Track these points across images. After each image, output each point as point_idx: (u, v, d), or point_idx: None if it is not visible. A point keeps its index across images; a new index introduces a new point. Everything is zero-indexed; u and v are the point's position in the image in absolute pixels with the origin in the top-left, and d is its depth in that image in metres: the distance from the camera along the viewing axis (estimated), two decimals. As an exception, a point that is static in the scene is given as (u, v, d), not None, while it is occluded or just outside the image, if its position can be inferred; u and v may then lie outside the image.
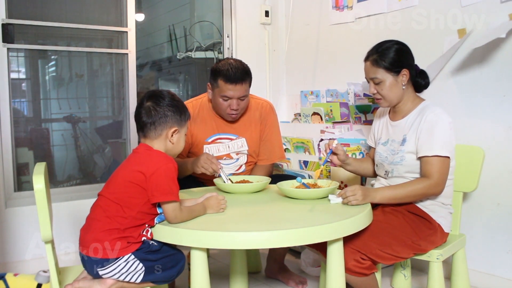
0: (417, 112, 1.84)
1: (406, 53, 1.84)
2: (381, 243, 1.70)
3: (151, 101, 1.56)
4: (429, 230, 1.78)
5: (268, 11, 3.42)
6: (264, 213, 1.64)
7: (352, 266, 1.65)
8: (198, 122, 2.24)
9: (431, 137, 1.74)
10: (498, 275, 2.18)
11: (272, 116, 2.36)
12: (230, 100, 2.12)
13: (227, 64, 2.11)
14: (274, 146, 2.35)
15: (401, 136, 1.86)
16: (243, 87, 2.11)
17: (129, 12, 2.96)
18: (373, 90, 1.86)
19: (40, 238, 1.41)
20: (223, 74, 2.08)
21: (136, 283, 1.48)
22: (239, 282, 2.05)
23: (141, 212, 1.47)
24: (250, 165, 2.34)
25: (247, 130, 2.28)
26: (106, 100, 3.37)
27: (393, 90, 1.82)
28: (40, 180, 1.37)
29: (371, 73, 1.84)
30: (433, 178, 1.72)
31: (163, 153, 1.54)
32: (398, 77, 1.82)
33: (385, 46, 1.83)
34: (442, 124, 1.74)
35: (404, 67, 1.81)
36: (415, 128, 1.80)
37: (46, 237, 1.39)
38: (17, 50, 2.78)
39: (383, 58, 1.80)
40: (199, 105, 2.28)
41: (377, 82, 1.83)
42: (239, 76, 2.08)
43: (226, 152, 2.27)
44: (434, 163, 1.72)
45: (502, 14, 2.09)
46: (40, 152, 3.06)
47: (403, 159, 1.82)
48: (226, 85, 2.08)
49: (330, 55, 3.06)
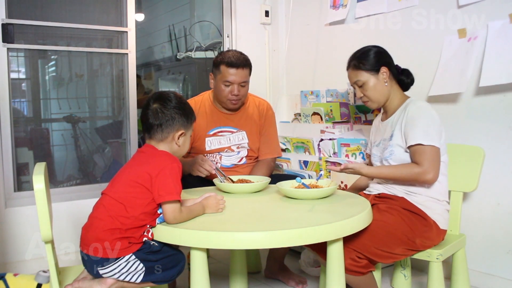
0: (402, 108, 1.92)
1: (383, 53, 1.96)
2: (377, 241, 1.71)
3: (158, 103, 1.56)
4: (424, 227, 1.79)
5: (268, 11, 3.42)
6: (264, 213, 1.64)
7: (348, 265, 1.66)
8: (200, 115, 2.31)
9: (414, 127, 1.80)
10: (498, 275, 2.18)
11: (270, 112, 2.48)
12: (231, 85, 2.23)
13: (228, 52, 2.27)
14: (273, 141, 2.45)
15: (390, 133, 1.92)
16: (244, 73, 2.24)
17: (129, 12, 2.96)
18: (359, 94, 1.97)
19: (40, 238, 1.41)
20: (225, 60, 2.22)
21: (136, 283, 1.48)
22: (239, 282, 2.05)
23: (144, 213, 1.47)
24: (251, 159, 2.40)
25: (247, 124, 2.38)
26: (106, 100, 3.37)
27: (377, 88, 1.92)
28: (40, 180, 1.37)
29: (354, 77, 1.96)
30: (423, 165, 1.75)
31: (168, 153, 1.55)
32: (378, 75, 1.92)
33: (363, 50, 1.96)
34: (423, 115, 1.81)
35: (382, 65, 1.91)
36: (400, 122, 1.88)
37: (46, 237, 1.39)
38: (17, 50, 2.78)
39: (361, 61, 1.93)
40: (201, 101, 2.39)
41: (360, 84, 1.94)
42: (240, 61, 2.23)
43: (228, 145, 2.34)
44: (421, 151, 1.76)
45: (502, 14, 2.09)
46: (40, 152, 3.07)
47: (392, 153, 1.87)
48: (228, 70, 2.21)
49: (330, 55, 3.06)
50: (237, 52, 2.29)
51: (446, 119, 2.31)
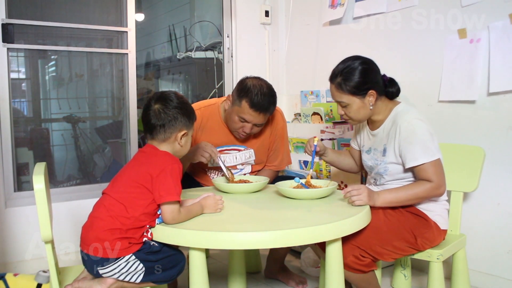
0: (391, 120, 1.82)
1: (370, 72, 1.78)
2: (380, 239, 1.70)
3: (159, 103, 1.56)
4: (425, 228, 1.79)
5: (268, 11, 3.41)
6: (263, 213, 1.64)
7: (350, 262, 1.65)
8: (206, 131, 2.16)
9: (411, 147, 1.72)
10: (498, 275, 2.18)
11: (281, 124, 2.29)
12: (246, 123, 2.05)
13: (257, 88, 1.99)
14: (283, 155, 2.33)
15: (381, 146, 1.86)
16: (265, 117, 2.05)
17: (129, 12, 2.96)
18: (341, 112, 1.84)
19: (40, 238, 1.41)
20: (250, 98, 1.97)
21: (136, 283, 1.48)
22: (238, 282, 2.05)
23: (144, 213, 1.47)
24: (253, 173, 2.32)
25: (257, 142, 2.23)
26: (106, 100, 3.37)
27: (361, 112, 1.80)
28: (40, 180, 1.37)
29: (337, 97, 1.81)
30: (433, 181, 1.72)
31: (169, 153, 1.56)
32: (365, 99, 1.78)
33: (349, 68, 1.76)
34: (417, 131, 1.73)
35: (370, 88, 1.77)
36: (392, 137, 1.80)
37: (46, 237, 1.39)
38: (17, 50, 2.78)
39: (347, 82, 1.75)
40: (209, 113, 2.18)
41: (343, 105, 1.81)
42: (265, 105, 1.99)
43: (233, 164, 2.22)
44: (427, 168, 1.72)
45: (502, 15, 2.08)
46: (40, 152, 3.07)
47: (387, 169, 1.83)
48: (249, 109, 1.99)
49: (330, 55, 3.05)
50: (267, 88, 2.02)
51: (446, 119, 2.31)
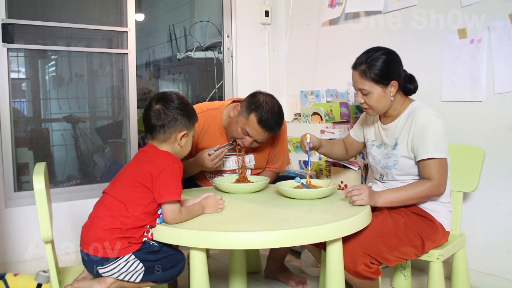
0: (407, 115, 1.82)
1: (395, 63, 1.79)
2: (389, 245, 1.69)
3: (160, 103, 1.56)
4: (431, 230, 1.79)
5: (268, 11, 3.41)
6: (263, 213, 1.64)
7: (361, 270, 1.63)
8: (207, 136, 2.16)
9: (424, 140, 1.73)
10: (498, 275, 2.18)
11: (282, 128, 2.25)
12: (248, 136, 2.03)
13: (269, 105, 2.00)
14: (284, 157, 2.34)
15: (393, 140, 1.85)
16: (268, 135, 2.05)
17: (129, 12, 2.96)
18: (360, 100, 1.83)
19: (40, 238, 1.41)
20: (260, 114, 1.98)
21: (136, 282, 1.48)
22: (238, 282, 2.05)
23: (144, 213, 1.47)
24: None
25: (256, 148, 2.21)
26: (106, 100, 3.37)
27: (381, 101, 1.79)
28: (40, 180, 1.38)
29: (359, 84, 1.80)
30: (434, 179, 1.72)
31: (169, 153, 1.56)
32: (387, 89, 1.78)
33: (374, 56, 1.76)
34: (432, 126, 1.73)
35: (393, 79, 1.77)
36: (406, 131, 1.80)
37: (46, 237, 1.39)
38: (17, 50, 2.78)
39: (371, 69, 1.75)
40: (211, 118, 2.17)
41: (365, 93, 1.79)
42: (272, 124, 2.01)
43: (233, 168, 2.22)
44: (432, 165, 1.72)
45: (502, 15, 2.09)
46: (40, 152, 3.06)
47: (397, 163, 1.83)
48: (256, 125, 1.99)
49: (330, 55, 3.06)
50: (277, 109, 2.02)
51: (446, 119, 2.31)
